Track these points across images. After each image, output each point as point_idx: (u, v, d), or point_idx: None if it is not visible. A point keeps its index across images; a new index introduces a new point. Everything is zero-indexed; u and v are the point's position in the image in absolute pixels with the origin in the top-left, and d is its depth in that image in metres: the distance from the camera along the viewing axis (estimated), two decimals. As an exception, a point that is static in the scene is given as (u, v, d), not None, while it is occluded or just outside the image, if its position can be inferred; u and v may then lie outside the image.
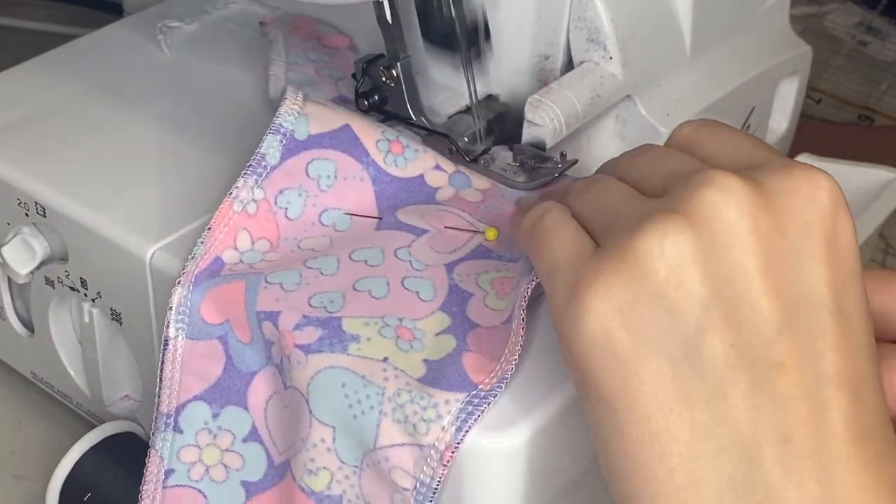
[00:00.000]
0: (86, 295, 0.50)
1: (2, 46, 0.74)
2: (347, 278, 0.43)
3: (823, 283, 0.33)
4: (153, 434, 0.44)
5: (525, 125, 0.49)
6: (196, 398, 0.44)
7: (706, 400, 0.32)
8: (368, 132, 0.48)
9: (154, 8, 0.62)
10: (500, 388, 0.39)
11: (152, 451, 0.44)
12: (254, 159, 0.46)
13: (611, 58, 0.50)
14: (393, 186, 0.48)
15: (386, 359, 0.40)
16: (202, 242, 0.45)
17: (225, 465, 0.44)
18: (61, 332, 0.53)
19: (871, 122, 0.76)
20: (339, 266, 0.44)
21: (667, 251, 0.33)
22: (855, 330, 0.34)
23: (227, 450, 0.44)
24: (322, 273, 0.44)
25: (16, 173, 0.51)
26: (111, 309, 0.49)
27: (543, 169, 0.49)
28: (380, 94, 0.51)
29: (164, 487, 0.43)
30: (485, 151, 0.50)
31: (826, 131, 0.74)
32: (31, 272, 0.51)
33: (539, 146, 0.49)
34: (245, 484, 0.43)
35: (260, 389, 0.43)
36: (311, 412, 0.40)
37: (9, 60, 0.58)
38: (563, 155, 0.49)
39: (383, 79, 0.50)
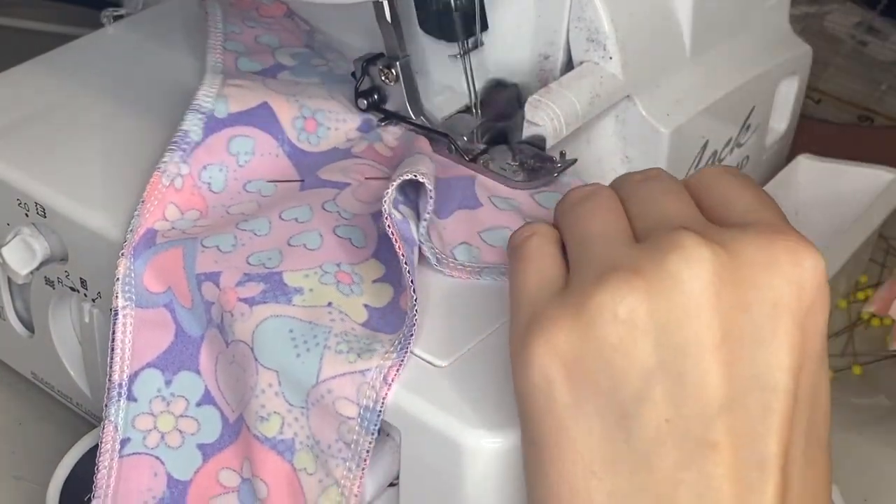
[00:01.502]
0: (86, 295, 0.50)
1: (2, 46, 0.74)
2: (281, 236, 0.45)
3: (779, 368, 0.32)
4: (106, 405, 0.44)
5: (525, 125, 0.49)
6: (148, 366, 0.44)
7: (631, 469, 0.32)
8: (286, 109, 0.50)
9: (154, 8, 0.62)
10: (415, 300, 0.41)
11: (106, 421, 0.44)
12: (177, 135, 0.48)
13: (610, 58, 0.50)
14: (309, 159, 0.50)
15: (330, 303, 0.42)
16: (138, 215, 0.46)
17: (180, 431, 0.44)
18: (61, 332, 0.53)
19: (871, 122, 0.76)
20: (271, 226, 0.46)
21: (620, 316, 0.32)
22: (802, 415, 0.33)
23: (182, 415, 0.44)
24: (256, 234, 0.45)
25: (16, 173, 0.51)
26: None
27: (543, 168, 0.49)
28: (379, 94, 0.51)
29: (120, 456, 0.44)
30: (484, 151, 0.50)
31: (826, 131, 0.74)
32: (31, 272, 0.51)
33: (539, 146, 0.49)
34: (201, 447, 0.44)
35: (207, 352, 0.44)
36: (256, 360, 0.41)
37: (9, 60, 0.58)
38: (562, 154, 0.49)
39: (383, 78, 0.50)
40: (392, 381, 0.40)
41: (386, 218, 0.42)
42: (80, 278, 0.50)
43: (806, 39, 0.62)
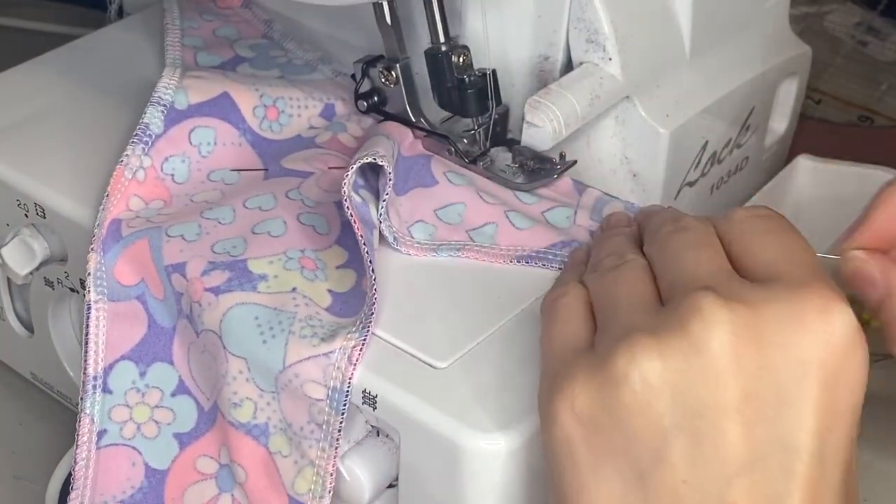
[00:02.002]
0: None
1: (2, 46, 0.73)
2: (245, 224, 0.46)
3: (804, 429, 0.32)
4: (82, 398, 0.45)
5: (524, 126, 0.49)
6: (123, 358, 0.45)
7: None
8: (246, 98, 0.50)
9: (154, 8, 0.62)
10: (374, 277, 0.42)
11: (82, 414, 0.45)
12: (139, 129, 0.48)
13: (610, 59, 0.50)
14: (272, 147, 0.50)
15: (294, 289, 0.43)
16: (102, 209, 0.46)
17: (156, 421, 0.45)
18: (61, 332, 0.53)
19: (871, 122, 0.76)
20: (236, 214, 0.46)
21: (633, 378, 0.33)
22: (829, 478, 0.33)
23: (157, 406, 0.45)
24: (220, 222, 0.46)
25: (16, 173, 0.51)
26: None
27: (543, 170, 0.49)
28: (379, 96, 0.51)
29: (97, 448, 0.45)
30: (484, 153, 0.50)
31: (826, 131, 0.74)
32: (31, 273, 0.51)
33: (538, 147, 0.49)
34: (178, 436, 0.45)
35: (180, 342, 0.45)
36: (225, 348, 0.42)
37: (9, 60, 0.58)
38: (562, 156, 0.49)
39: (383, 80, 0.50)
40: (356, 361, 0.41)
41: (345, 200, 0.43)
42: (80, 279, 0.50)
43: (806, 39, 0.62)
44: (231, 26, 0.58)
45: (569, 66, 0.52)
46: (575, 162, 0.49)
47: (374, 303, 0.41)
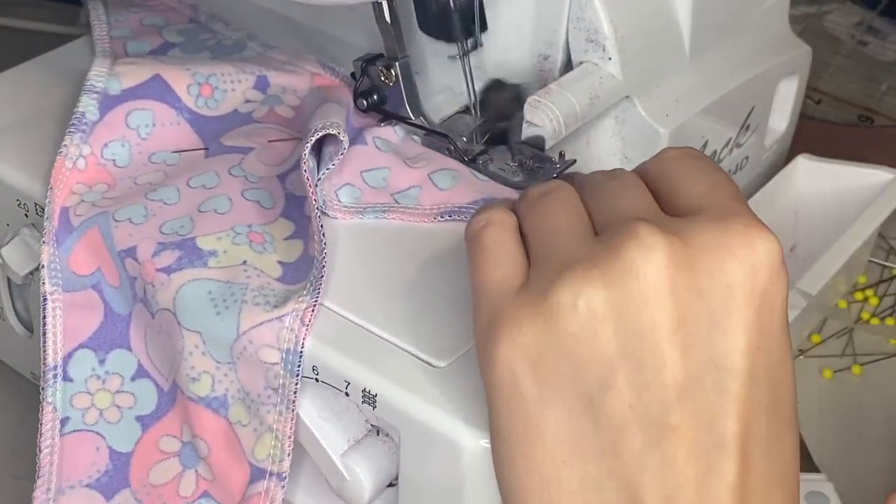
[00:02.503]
0: (85, 295, 0.50)
1: (2, 46, 0.73)
2: (191, 203, 0.46)
3: (735, 350, 0.33)
4: (43, 388, 0.46)
5: (524, 126, 0.49)
6: (81, 346, 0.46)
7: (599, 455, 0.33)
8: (179, 78, 0.51)
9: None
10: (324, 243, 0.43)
11: (44, 403, 0.45)
12: (74, 118, 0.49)
13: (610, 58, 0.50)
14: (211, 124, 0.51)
15: (245, 262, 0.44)
16: (49, 202, 0.47)
17: (118, 406, 0.46)
18: (61, 332, 0.53)
19: (871, 122, 0.76)
20: (180, 194, 0.47)
21: (579, 307, 0.33)
22: (762, 395, 0.34)
23: (118, 391, 0.46)
24: (165, 203, 0.47)
25: (16, 173, 0.51)
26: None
27: (542, 169, 0.49)
28: (379, 94, 0.51)
29: (61, 435, 0.45)
30: (483, 151, 0.50)
31: (826, 131, 0.74)
32: (31, 272, 0.51)
33: (538, 146, 0.49)
34: (140, 418, 0.46)
35: (136, 328, 0.46)
36: (180, 324, 0.43)
37: (9, 60, 0.58)
38: (561, 155, 0.49)
39: (382, 78, 0.50)
40: (309, 322, 0.41)
41: (304, 163, 0.44)
42: (80, 278, 0.50)
43: (806, 39, 0.62)
44: (158, 15, 0.59)
45: (568, 66, 0.52)
46: (574, 161, 0.49)
47: (323, 266, 0.43)
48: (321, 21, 0.58)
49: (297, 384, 0.42)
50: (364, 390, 0.41)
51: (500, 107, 0.53)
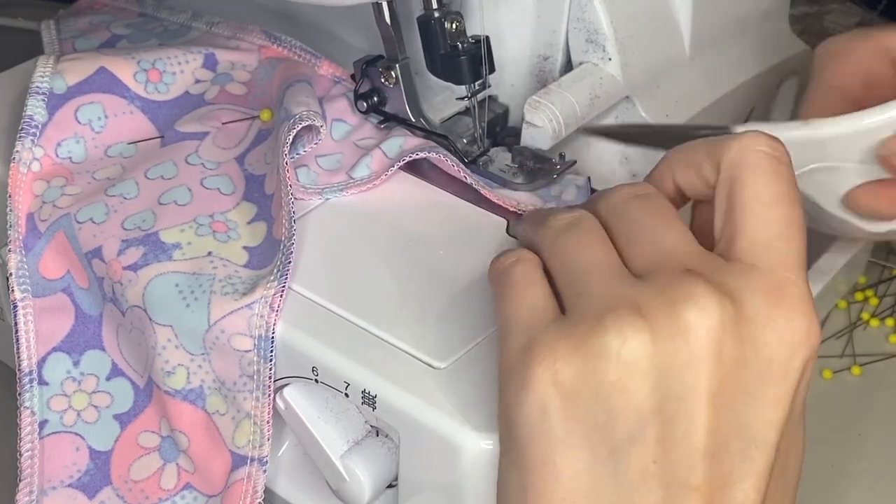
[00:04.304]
0: (85, 296, 0.50)
1: (2, 46, 0.73)
2: (150, 196, 0.47)
3: (766, 422, 0.33)
4: (20, 393, 0.46)
5: (524, 126, 0.49)
6: (55, 350, 0.46)
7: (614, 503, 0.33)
8: (124, 68, 0.51)
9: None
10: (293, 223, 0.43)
11: (22, 408, 0.46)
12: (24, 122, 0.49)
13: (610, 59, 0.50)
14: (163, 109, 0.51)
15: (210, 252, 0.45)
16: (10, 211, 0.47)
17: (95, 406, 0.46)
18: (61, 332, 0.53)
19: (871, 122, 0.75)
20: (139, 187, 0.47)
21: (623, 356, 0.33)
22: (779, 465, 0.34)
23: (94, 391, 0.46)
24: (125, 197, 0.47)
25: (15, 174, 0.51)
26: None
27: (542, 170, 0.49)
28: (379, 95, 0.51)
29: (40, 438, 0.46)
30: (483, 153, 0.50)
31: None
32: (31, 273, 0.51)
33: (538, 147, 0.49)
34: (118, 416, 0.46)
35: (108, 328, 0.46)
36: (150, 319, 0.43)
37: (9, 60, 0.58)
38: (561, 156, 0.49)
39: (382, 80, 0.50)
40: (278, 308, 0.42)
41: (284, 147, 0.45)
42: (80, 279, 0.50)
43: (806, 39, 0.62)
44: (106, 14, 0.60)
45: (568, 66, 0.52)
46: (574, 162, 0.49)
47: (291, 252, 0.43)
48: (319, 20, 0.58)
49: (271, 369, 0.42)
50: (364, 391, 0.41)
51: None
